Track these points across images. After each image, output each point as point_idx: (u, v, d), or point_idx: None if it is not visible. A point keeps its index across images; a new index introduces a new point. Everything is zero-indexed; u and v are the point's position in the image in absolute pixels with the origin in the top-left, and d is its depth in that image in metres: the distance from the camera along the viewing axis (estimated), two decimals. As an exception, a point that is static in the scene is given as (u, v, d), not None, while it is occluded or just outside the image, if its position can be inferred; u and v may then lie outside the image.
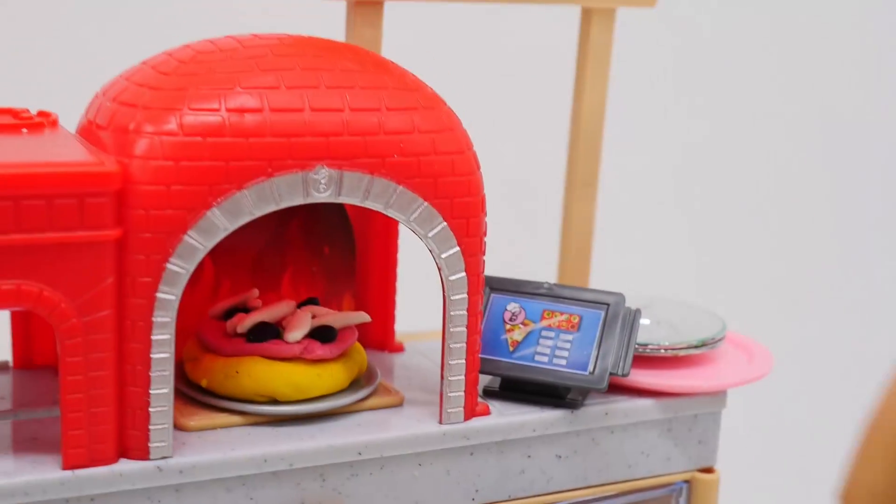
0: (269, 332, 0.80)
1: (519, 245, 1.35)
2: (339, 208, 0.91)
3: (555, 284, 0.88)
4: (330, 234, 0.92)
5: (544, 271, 1.02)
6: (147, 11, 1.26)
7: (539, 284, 0.88)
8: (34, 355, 0.87)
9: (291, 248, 0.92)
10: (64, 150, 0.72)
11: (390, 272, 0.93)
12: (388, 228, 0.92)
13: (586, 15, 1.00)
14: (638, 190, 1.57)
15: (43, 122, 0.79)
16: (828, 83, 1.73)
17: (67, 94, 0.93)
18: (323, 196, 0.74)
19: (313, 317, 0.83)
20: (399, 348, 0.94)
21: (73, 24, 1.24)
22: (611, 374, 0.83)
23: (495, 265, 0.88)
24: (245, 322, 0.81)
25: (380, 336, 0.93)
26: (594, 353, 0.84)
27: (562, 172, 1.04)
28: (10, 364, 0.87)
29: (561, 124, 1.09)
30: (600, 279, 1.04)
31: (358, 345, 0.85)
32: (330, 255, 0.92)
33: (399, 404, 0.83)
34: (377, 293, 0.93)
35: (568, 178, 1.02)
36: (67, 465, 0.71)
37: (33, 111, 0.80)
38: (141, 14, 1.26)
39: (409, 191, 0.76)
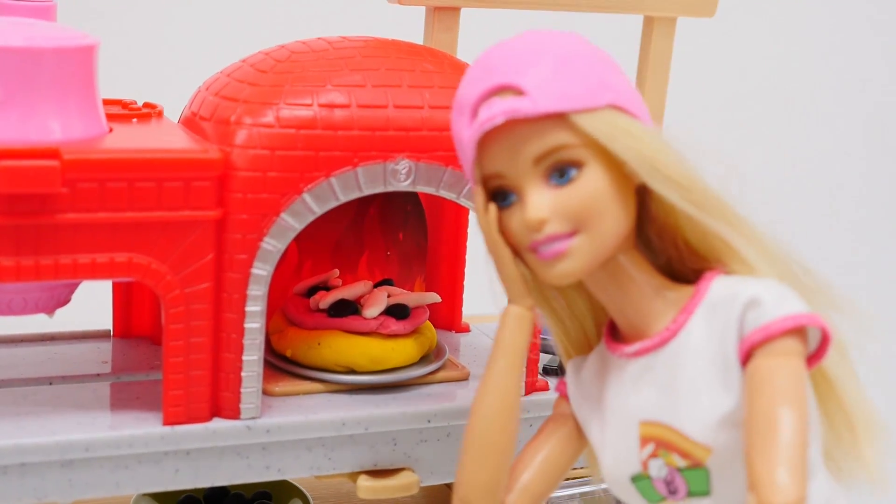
0: (348, 308, 0.87)
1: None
2: (413, 198, 0.99)
3: (612, 273, 0.94)
4: (404, 221, 0.99)
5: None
6: (243, 13, 1.33)
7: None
8: (132, 326, 0.94)
9: (368, 234, 0.99)
10: (171, 139, 0.80)
11: (459, 259, 1.00)
12: (458, 218, 0.99)
13: (648, 23, 1.06)
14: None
15: (150, 113, 0.86)
16: (885, 97, 1.76)
17: (168, 88, 1.00)
18: (402, 185, 0.81)
19: (388, 296, 0.89)
20: (465, 329, 1.01)
21: (173, 22, 1.31)
22: (661, 356, 0.90)
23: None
24: (327, 299, 0.88)
25: (448, 317, 1.00)
26: (646, 337, 0.91)
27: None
28: (111, 333, 0.94)
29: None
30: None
31: (428, 323, 0.91)
32: (404, 241, 0.99)
33: (465, 378, 0.90)
34: (446, 277, 1.00)
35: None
36: (167, 422, 0.77)
37: (139, 103, 0.88)
38: (237, 15, 1.33)
39: (480, 182, 0.83)
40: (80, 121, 0.77)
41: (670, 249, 0.71)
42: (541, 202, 0.65)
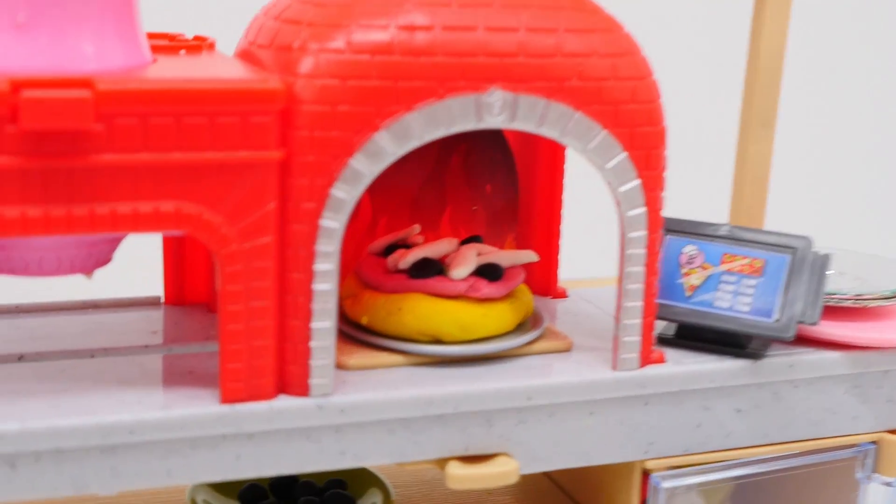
0: (432, 268, 0.76)
1: (685, 187, 1.29)
2: (501, 144, 0.87)
3: (735, 226, 0.82)
4: (492, 171, 0.87)
5: (713, 215, 0.96)
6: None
7: (718, 226, 0.82)
8: (186, 292, 0.85)
9: (451, 186, 0.88)
10: (225, 69, 0.69)
11: (555, 213, 0.88)
12: (553, 166, 0.88)
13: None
14: (817, 131, 1.50)
15: (200, 45, 0.76)
16: None
17: (220, 27, 0.90)
18: (496, 121, 0.69)
19: (478, 254, 0.78)
20: (562, 294, 0.90)
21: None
22: (798, 322, 0.77)
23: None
24: (407, 257, 0.77)
25: (542, 280, 0.89)
26: (780, 299, 0.78)
27: (737, 112, 0.98)
28: (162, 300, 0.84)
29: (738, 62, 1.03)
30: (775, 227, 0.98)
31: (524, 286, 0.80)
32: (492, 194, 0.88)
33: (568, 349, 0.79)
34: (540, 235, 0.89)
35: (743, 118, 0.96)
36: (226, 400, 0.68)
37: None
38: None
39: (588, 118, 0.71)
40: (118, 48, 0.66)
41: None
42: None
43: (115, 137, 0.62)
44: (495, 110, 0.69)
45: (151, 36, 0.75)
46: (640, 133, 0.72)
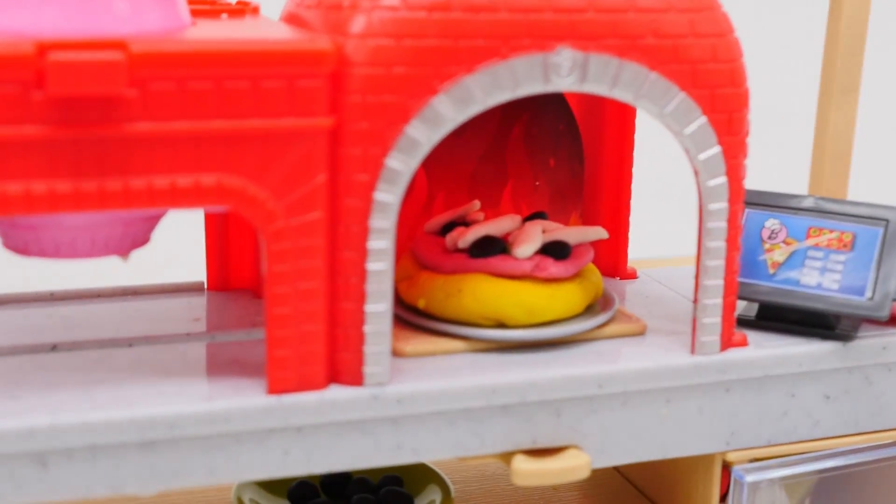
0: (495, 246, 0.71)
1: (760, 158, 1.24)
2: (566, 114, 0.81)
3: (820, 198, 0.76)
4: (555, 143, 0.82)
5: (791, 188, 0.91)
6: None
7: (801, 198, 0.76)
8: (230, 276, 0.81)
9: (512, 159, 0.82)
10: (268, 30, 0.65)
11: (623, 188, 0.83)
12: (622, 136, 0.82)
13: None
14: None
15: (243, 9, 0.72)
16: None
17: None
18: (565, 83, 0.64)
19: (543, 231, 0.73)
20: (632, 275, 0.84)
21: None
22: (893, 300, 0.71)
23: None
24: (467, 235, 0.72)
25: (611, 260, 0.84)
26: (872, 275, 0.73)
27: (817, 77, 0.92)
28: (205, 285, 0.80)
29: (818, 23, 0.97)
30: (858, 198, 0.92)
31: (593, 266, 0.75)
32: (555, 168, 0.82)
33: (641, 333, 0.73)
34: (608, 212, 0.84)
35: (823, 84, 0.90)
36: (273, 390, 0.63)
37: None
38: None
39: (664, 78, 0.65)
40: (154, 9, 0.63)
41: None
42: None
43: (151, 104, 0.58)
44: (564, 71, 0.63)
45: (191, 1, 0.71)
46: (720, 95, 0.67)
